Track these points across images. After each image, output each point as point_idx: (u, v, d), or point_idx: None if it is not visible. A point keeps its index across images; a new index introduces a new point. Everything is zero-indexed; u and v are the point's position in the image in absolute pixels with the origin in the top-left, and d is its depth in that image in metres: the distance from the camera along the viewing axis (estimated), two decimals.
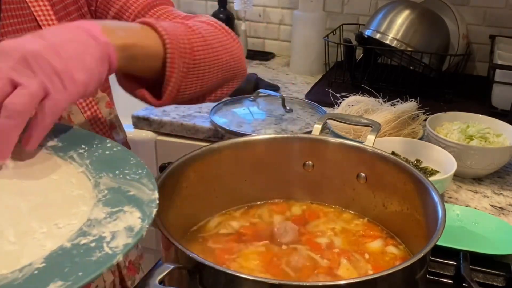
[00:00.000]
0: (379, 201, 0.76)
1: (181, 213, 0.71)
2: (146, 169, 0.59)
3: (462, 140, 1.13)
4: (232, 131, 1.29)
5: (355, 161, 0.77)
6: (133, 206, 0.52)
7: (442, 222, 0.59)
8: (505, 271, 0.79)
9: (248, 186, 0.79)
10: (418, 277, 0.57)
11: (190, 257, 0.53)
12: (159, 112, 1.42)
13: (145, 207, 0.52)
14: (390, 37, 1.51)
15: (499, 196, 1.07)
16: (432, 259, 0.80)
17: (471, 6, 1.74)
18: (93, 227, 0.49)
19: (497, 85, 1.41)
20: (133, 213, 0.51)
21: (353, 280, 0.54)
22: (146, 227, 0.49)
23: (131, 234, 0.48)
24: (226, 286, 0.53)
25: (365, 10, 1.83)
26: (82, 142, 0.64)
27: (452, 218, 0.93)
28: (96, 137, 0.66)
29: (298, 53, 1.79)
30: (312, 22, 1.75)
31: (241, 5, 1.82)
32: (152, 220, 0.51)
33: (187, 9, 2.04)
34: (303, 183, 0.81)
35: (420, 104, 1.31)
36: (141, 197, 0.54)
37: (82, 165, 0.60)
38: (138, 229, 0.49)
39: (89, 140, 0.64)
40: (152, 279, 0.49)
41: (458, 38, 1.59)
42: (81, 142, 0.63)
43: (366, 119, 0.83)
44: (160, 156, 1.43)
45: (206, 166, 0.74)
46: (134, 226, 0.49)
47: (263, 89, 1.50)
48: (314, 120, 1.38)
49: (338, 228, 0.76)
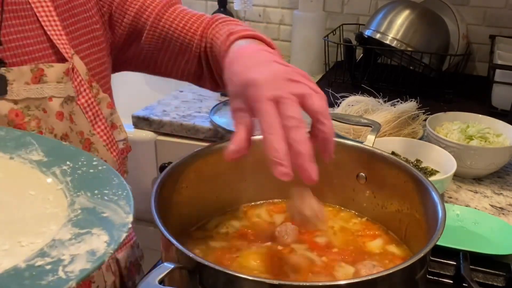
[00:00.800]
0: (379, 201, 0.76)
1: (181, 213, 0.71)
2: (128, 191, 0.57)
3: (462, 140, 1.13)
4: (232, 131, 1.29)
5: (355, 161, 0.77)
6: (103, 229, 0.50)
7: (442, 222, 0.59)
8: (505, 271, 0.79)
9: (248, 186, 0.79)
10: (418, 277, 0.57)
11: (190, 257, 0.53)
12: (159, 112, 1.42)
13: (115, 230, 0.50)
14: (390, 37, 1.51)
15: (499, 196, 1.07)
16: (432, 259, 0.79)
17: (471, 6, 1.74)
18: (55, 248, 0.47)
19: (497, 85, 1.41)
20: (101, 236, 0.49)
21: (353, 280, 0.54)
22: (110, 252, 0.47)
23: (92, 259, 0.45)
24: (226, 286, 0.53)
25: (365, 10, 1.83)
26: (68, 158, 0.62)
27: (452, 218, 0.93)
28: (84, 154, 0.64)
29: (298, 53, 1.79)
30: (312, 22, 1.75)
31: (241, 5, 1.82)
32: (119, 245, 0.48)
33: None
34: (303, 183, 0.80)
35: (420, 104, 1.31)
36: (113, 219, 0.52)
37: (63, 182, 0.58)
38: (101, 254, 0.46)
39: (76, 157, 0.62)
40: (152, 279, 0.49)
41: (458, 38, 1.59)
42: (67, 158, 0.62)
43: (366, 119, 0.83)
44: (160, 156, 1.43)
45: (206, 166, 0.74)
46: (97, 251, 0.47)
47: None
48: None
49: (337, 227, 0.76)
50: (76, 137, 0.79)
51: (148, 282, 0.49)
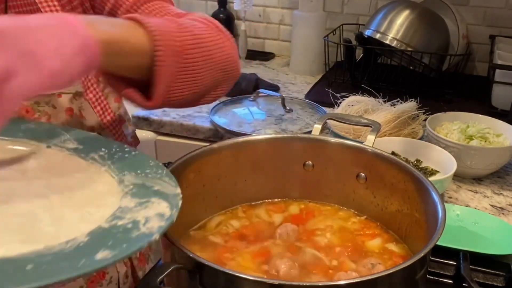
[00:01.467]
0: (379, 201, 0.76)
1: (181, 213, 0.70)
2: (166, 170, 0.61)
3: (462, 140, 1.13)
4: (232, 131, 1.29)
5: (355, 161, 0.77)
6: (160, 197, 0.55)
7: (442, 222, 0.59)
8: (505, 271, 0.79)
9: (248, 186, 0.79)
10: (418, 277, 0.57)
11: (190, 257, 0.53)
12: (159, 112, 1.42)
13: (171, 198, 0.55)
14: (390, 37, 1.51)
15: (499, 196, 1.07)
16: (432, 259, 0.79)
17: (471, 6, 1.74)
18: (126, 213, 0.52)
19: (497, 85, 1.41)
20: (161, 203, 0.54)
21: (353, 280, 0.54)
22: (175, 214, 0.52)
23: (163, 219, 0.51)
24: (226, 286, 0.53)
25: (365, 10, 1.83)
26: (101, 145, 0.66)
27: (452, 218, 0.93)
28: (115, 142, 0.68)
29: (298, 53, 1.79)
30: (312, 22, 1.75)
31: (241, 5, 1.82)
32: (179, 210, 0.53)
33: (187, 9, 2.03)
34: (303, 183, 0.81)
35: (420, 104, 1.31)
36: (165, 191, 0.57)
37: (104, 165, 0.63)
38: (169, 215, 0.52)
39: (108, 144, 0.67)
40: (152, 279, 0.49)
41: (458, 38, 1.59)
42: (100, 146, 0.66)
43: (366, 119, 0.83)
44: (160, 156, 1.43)
45: (206, 166, 0.74)
46: (164, 213, 0.52)
47: (263, 89, 1.50)
48: (314, 120, 1.37)
49: (336, 227, 0.76)
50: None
51: (148, 282, 0.49)
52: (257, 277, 0.56)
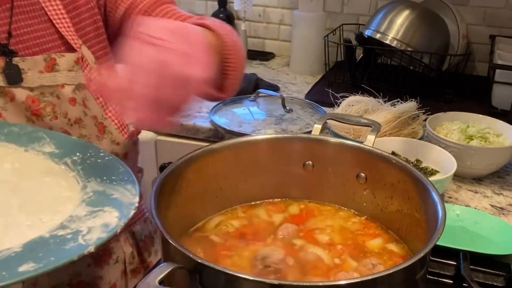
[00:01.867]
0: (379, 201, 0.76)
1: (181, 213, 0.71)
2: (133, 177, 0.63)
3: (462, 140, 1.13)
4: (232, 131, 1.29)
5: (355, 161, 0.77)
6: (113, 207, 0.57)
7: (442, 222, 0.59)
8: (505, 271, 0.79)
9: (248, 186, 0.79)
10: (418, 277, 0.57)
11: (190, 257, 0.53)
12: None
13: (124, 208, 0.56)
14: (390, 37, 1.51)
15: (499, 196, 1.07)
16: (432, 259, 0.79)
17: (471, 6, 1.74)
18: (73, 222, 0.54)
19: (497, 85, 1.41)
20: (112, 212, 0.56)
21: (353, 280, 0.54)
22: (121, 225, 0.54)
23: (106, 230, 0.52)
24: (226, 286, 0.53)
25: (365, 10, 1.83)
26: (77, 150, 0.69)
27: (452, 218, 0.93)
28: (91, 146, 0.71)
29: (298, 53, 1.79)
30: (312, 22, 1.75)
31: (241, 5, 1.82)
32: (128, 220, 0.55)
33: (187, 9, 2.04)
34: (303, 183, 0.81)
35: (420, 104, 1.31)
36: (122, 200, 0.58)
37: (74, 170, 0.65)
38: (113, 226, 0.53)
39: (84, 149, 0.69)
40: (152, 279, 0.49)
41: (458, 38, 1.59)
42: (76, 150, 0.68)
43: (366, 119, 0.83)
44: (160, 156, 1.43)
45: (206, 166, 0.74)
46: (110, 224, 0.54)
47: (263, 89, 1.50)
48: (314, 120, 1.37)
49: (336, 227, 0.76)
50: (91, 121, 0.85)
51: (148, 282, 0.49)
52: (257, 277, 0.56)
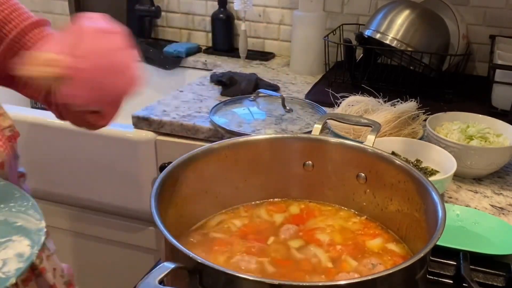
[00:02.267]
0: (379, 201, 0.76)
1: (181, 213, 0.71)
2: (32, 201, 0.61)
3: (462, 140, 1.13)
4: (232, 131, 1.29)
5: (355, 161, 0.77)
6: (21, 235, 0.55)
7: (442, 222, 0.59)
8: (505, 271, 0.79)
9: (248, 186, 0.79)
10: (418, 277, 0.57)
11: (190, 257, 0.53)
12: (159, 112, 1.42)
13: (34, 235, 0.55)
14: (390, 37, 1.51)
15: (499, 196, 1.07)
16: (432, 259, 0.79)
17: (471, 6, 1.74)
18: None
19: (497, 85, 1.41)
20: (22, 241, 0.54)
21: (353, 280, 0.54)
22: (35, 252, 0.52)
23: (22, 260, 0.51)
24: (226, 286, 0.53)
25: (365, 10, 1.83)
26: None
27: (452, 218, 0.93)
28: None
29: (298, 53, 1.79)
30: (312, 22, 1.75)
31: (241, 5, 1.82)
32: (41, 247, 0.53)
33: (187, 9, 2.04)
34: (303, 183, 0.81)
35: (420, 104, 1.31)
36: (28, 226, 0.56)
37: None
38: (28, 255, 0.52)
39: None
40: (152, 279, 0.49)
41: (458, 38, 1.59)
42: None
43: (366, 119, 0.83)
44: (160, 156, 1.43)
45: (206, 166, 0.74)
46: (24, 253, 0.52)
47: (263, 89, 1.50)
48: (314, 120, 1.37)
49: (337, 226, 0.76)
50: None
51: (148, 282, 0.49)
52: (257, 277, 0.56)
